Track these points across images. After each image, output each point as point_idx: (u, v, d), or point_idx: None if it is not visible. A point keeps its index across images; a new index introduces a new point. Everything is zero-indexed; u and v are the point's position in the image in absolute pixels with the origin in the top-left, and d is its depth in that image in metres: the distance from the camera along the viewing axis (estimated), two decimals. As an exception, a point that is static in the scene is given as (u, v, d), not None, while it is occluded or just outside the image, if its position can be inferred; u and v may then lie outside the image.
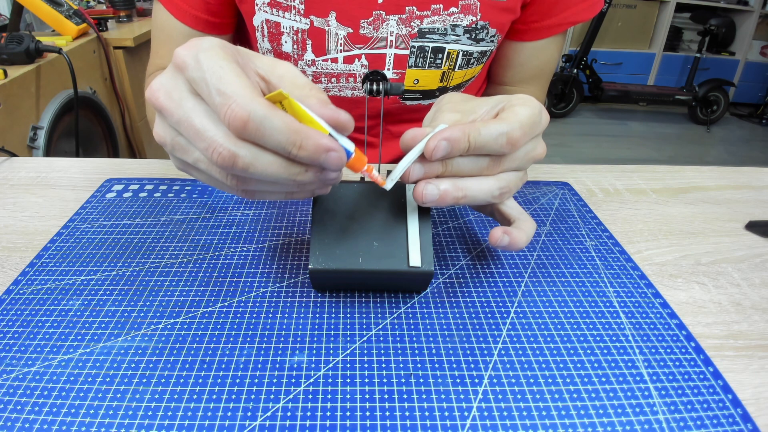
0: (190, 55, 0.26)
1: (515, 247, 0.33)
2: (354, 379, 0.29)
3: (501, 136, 0.30)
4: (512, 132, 0.30)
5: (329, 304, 0.35)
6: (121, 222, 0.42)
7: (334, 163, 0.27)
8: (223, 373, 0.29)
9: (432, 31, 0.53)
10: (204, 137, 0.26)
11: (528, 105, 0.32)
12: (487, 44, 0.56)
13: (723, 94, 3.29)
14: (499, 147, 0.31)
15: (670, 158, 2.85)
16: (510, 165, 0.33)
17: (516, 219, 0.35)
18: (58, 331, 0.32)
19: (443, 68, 0.56)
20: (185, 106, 0.27)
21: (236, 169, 0.26)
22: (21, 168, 0.52)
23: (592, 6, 0.57)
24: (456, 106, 0.35)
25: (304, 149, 0.26)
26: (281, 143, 0.25)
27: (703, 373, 0.30)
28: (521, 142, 0.31)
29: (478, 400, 0.28)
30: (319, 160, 0.26)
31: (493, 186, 0.32)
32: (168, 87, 0.27)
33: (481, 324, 0.33)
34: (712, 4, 3.43)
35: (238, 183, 0.28)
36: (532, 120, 0.32)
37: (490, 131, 0.30)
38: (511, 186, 0.33)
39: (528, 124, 0.31)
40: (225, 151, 0.25)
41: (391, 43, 0.53)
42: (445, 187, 0.31)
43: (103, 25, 1.44)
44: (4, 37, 1.03)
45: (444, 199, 0.31)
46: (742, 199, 0.51)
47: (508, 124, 0.31)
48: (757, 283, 0.39)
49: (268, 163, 0.26)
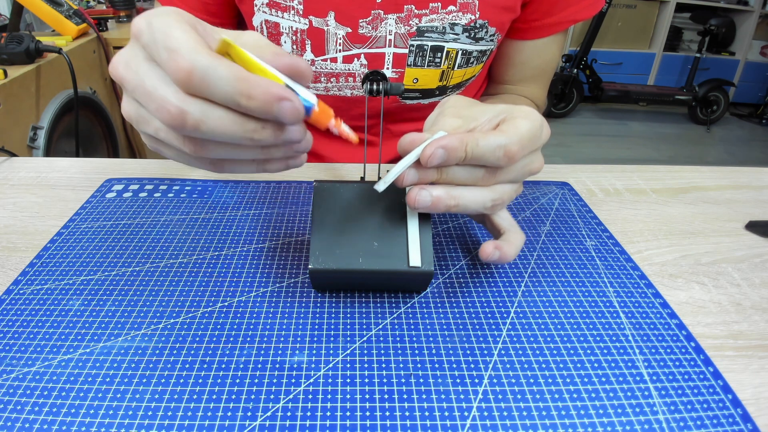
0: (144, 22, 0.26)
1: (504, 261, 0.33)
2: (354, 379, 0.29)
3: (499, 148, 0.30)
4: (510, 145, 0.30)
5: (329, 304, 0.35)
6: (121, 222, 0.42)
7: (288, 114, 0.25)
8: (223, 373, 0.29)
9: (430, 30, 0.53)
10: (154, 97, 0.25)
11: (529, 119, 0.32)
12: (487, 43, 0.56)
13: (723, 94, 3.29)
14: (496, 159, 0.30)
15: (670, 158, 2.85)
16: (506, 177, 0.32)
17: (506, 231, 0.35)
18: (58, 331, 0.32)
19: (442, 67, 0.56)
20: (140, 72, 0.26)
21: (187, 128, 0.25)
22: (21, 168, 0.52)
23: (594, 4, 0.57)
24: (459, 111, 0.35)
25: (254, 98, 0.24)
26: (228, 93, 0.24)
27: (703, 373, 0.30)
28: (519, 155, 0.31)
29: (478, 400, 0.28)
30: (272, 110, 0.25)
31: (487, 197, 0.32)
32: (126, 57, 0.27)
33: (481, 324, 0.33)
34: (712, 4, 3.43)
35: (195, 148, 0.27)
36: (531, 134, 0.31)
37: (488, 143, 0.30)
38: (504, 198, 0.33)
39: (527, 138, 0.31)
40: (173, 108, 0.25)
41: (390, 42, 0.53)
42: (438, 194, 0.31)
43: (103, 25, 1.44)
44: (4, 37, 1.03)
45: (436, 206, 0.31)
46: (742, 199, 0.51)
47: (507, 137, 0.30)
48: (757, 283, 0.39)
49: (219, 119, 0.25)
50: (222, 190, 0.48)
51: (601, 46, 3.32)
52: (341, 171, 0.54)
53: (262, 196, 0.47)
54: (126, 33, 1.46)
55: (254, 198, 0.47)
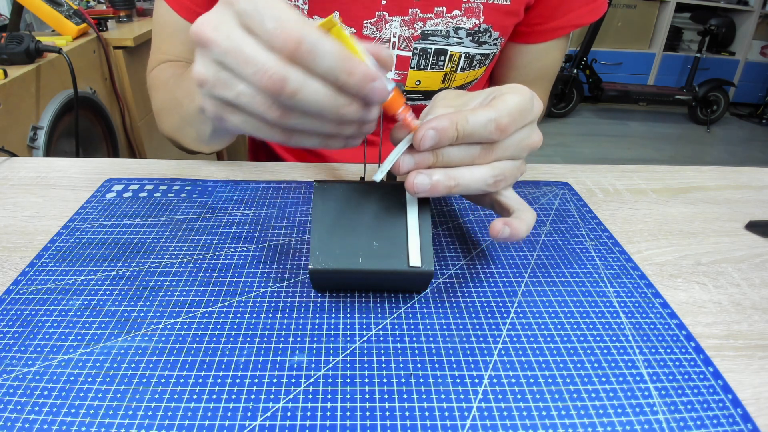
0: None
1: (516, 238, 0.32)
2: (354, 379, 0.29)
3: (489, 122, 0.30)
4: (500, 118, 0.30)
5: (329, 304, 0.35)
6: (121, 222, 0.42)
7: (378, 94, 0.27)
8: (223, 373, 0.29)
9: (435, 34, 0.53)
10: (255, 62, 0.26)
11: (517, 92, 0.32)
12: (490, 47, 0.56)
13: (723, 94, 3.29)
14: (488, 134, 0.30)
15: (670, 158, 2.85)
16: (503, 153, 0.32)
17: (516, 210, 0.34)
18: (58, 331, 0.32)
19: (445, 70, 0.56)
20: (234, 36, 0.27)
21: (284, 94, 0.26)
22: (21, 168, 0.52)
23: (596, 9, 0.57)
24: (449, 102, 0.35)
25: (353, 75, 0.26)
26: (332, 68, 0.26)
27: (703, 373, 0.30)
28: (510, 128, 0.31)
29: (478, 400, 0.28)
30: (365, 88, 0.27)
31: (486, 174, 0.32)
32: (215, 21, 0.27)
33: (481, 324, 0.33)
34: (712, 4, 3.43)
35: (281, 115, 0.28)
36: (521, 107, 0.31)
37: (477, 118, 0.30)
38: (506, 174, 0.33)
39: (517, 110, 0.31)
40: (276, 74, 0.26)
41: (394, 44, 0.53)
42: (437, 178, 0.31)
43: (103, 25, 1.44)
44: (4, 37, 1.03)
45: (436, 189, 0.31)
46: (742, 199, 0.51)
47: (496, 110, 0.30)
48: (757, 283, 0.39)
49: (315, 91, 0.27)
50: (222, 190, 0.48)
51: (601, 46, 3.32)
52: (341, 171, 0.54)
53: (262, 196, 0.47)
54: (126, 33, 1.46)
55: (254, 198, 0.47)
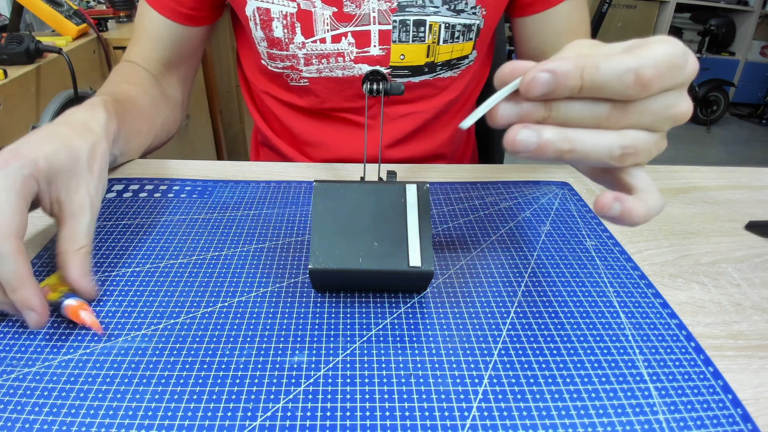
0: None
1: (628, 222, 0.25)
2: (354, 379, 0.29)
3: (627, 72, 0.23)
4: (643, 69, 0.23)
5: (329, 304, 0.35)
6: (121, 222, 0.42)
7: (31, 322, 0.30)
8: (223, 373, 0.29)
9: (411, 4, 0.53)
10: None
11: (668, 42, 0.24)
12: (469, 16, 0.56)
13: (723, 94, 3.29)
14: (624, 88, 0.23)
15: (670, 158, 2.85)
16: (640, 119, 0.25)
17: (641, 190, 0.27)
18: (58, 331, 0.32)
19: (428, 42, 0.56)
20: None
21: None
22: (21, 168, 0.52)
23: None
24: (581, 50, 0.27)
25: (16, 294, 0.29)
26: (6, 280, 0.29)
27: (703, 373, 0.30)
28: (654, 84, 0.24)
29: (478, 400, 0.28)
30: (21, 311, 0.30)
31: (614, 143, 0.25)
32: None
33: (481, 324, 0.33)
34: (712, 4, 3.43)
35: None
36: (671, 60, 0.24)
37: (613, 65, 0.23)
38: (639, 147, 0.25)
39: (665, 63, 0.24)
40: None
41: (374, 20, 0.54)
42: (547, 136, 0.24)
43: (103, 26, 1.44)
44: (4, 37, 1.03)
45: (543, 151, 0.24)
46: (742, 199, 0.51)
47: (637, 58, 0.23)
48: (757, 283, 0.39)
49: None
50: (222, 190, 0.48)
51: (601, 46, 3.32)
52: (341, 171, 0.54)
53: (262, 196, 0.47)
54: (126, 33, 1.46)
55: (254, 198, 0.47)
